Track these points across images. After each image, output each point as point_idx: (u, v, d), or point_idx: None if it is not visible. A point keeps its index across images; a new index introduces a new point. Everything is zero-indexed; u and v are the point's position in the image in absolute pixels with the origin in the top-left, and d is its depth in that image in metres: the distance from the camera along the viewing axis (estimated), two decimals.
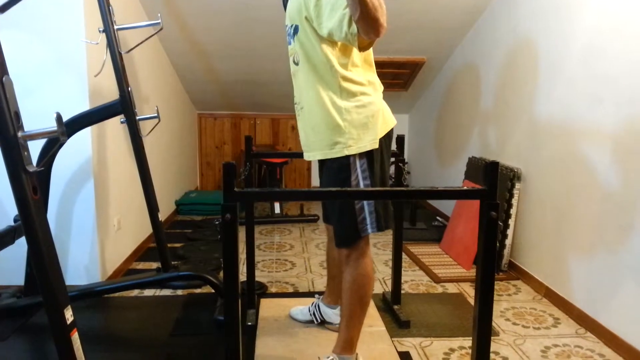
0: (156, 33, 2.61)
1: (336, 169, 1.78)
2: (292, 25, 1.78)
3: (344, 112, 1.73)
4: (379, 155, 1.79)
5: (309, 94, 1.78)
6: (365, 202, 1.76)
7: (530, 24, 2.97)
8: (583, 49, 2.46)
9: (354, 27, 1.47)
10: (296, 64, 1.82)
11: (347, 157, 1.75)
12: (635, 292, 2.06)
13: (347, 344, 1.81)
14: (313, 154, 1.87)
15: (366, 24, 1.39)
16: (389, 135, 1.85)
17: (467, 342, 2.19)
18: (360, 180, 1.76)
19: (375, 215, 1.77)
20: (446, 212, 4.25)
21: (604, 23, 2.30)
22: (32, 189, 1.22)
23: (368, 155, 1.76)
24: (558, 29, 2.67)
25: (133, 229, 3.30)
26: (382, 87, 1.85)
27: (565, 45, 2.60)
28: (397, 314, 2.40)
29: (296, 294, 2.75)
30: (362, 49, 1.58)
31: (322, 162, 1.90)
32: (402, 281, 2.61)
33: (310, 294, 2.55)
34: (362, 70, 1.77)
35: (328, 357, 1.81)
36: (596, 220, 2.32)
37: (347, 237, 1.79)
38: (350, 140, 1.73)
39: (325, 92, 1.74)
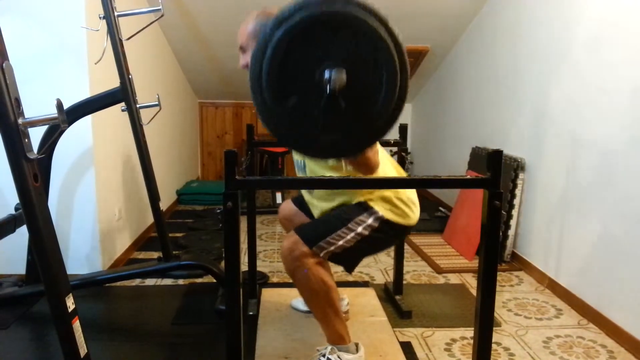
0: (157, 20, 2.58)
1: (348, 207, 1.74)
2: (302, 160, 1.82)
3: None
4: (386, 235, 1.76)
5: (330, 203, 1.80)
6: (348, 237, 1.69)
7: (535, 11, 2.94)
8: (588, 38, 2.43)
9: (349, 167, 1.61)
10: (311, 193, 1.87)
11: (366, 203, 1.73)
12: (639, 283, 2.06)
13: (337, 337, 1.77)
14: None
15: (360, 170, 1.58)
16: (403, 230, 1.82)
17: (469, 332, 2.19)
18: (359, 228, 1.70)
19: (341, 253, 1.69)
20: (449, 202, 4.24)
21: (610, 11, 2.27)
22: (33, 176, 1.21)
23: (383, 222, 1.72)
24: (563, 17, 2.64)
25: (134, 218, 3.30)
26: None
27: (571, 34, 2.56)
28: (398, 304, 2.39)
29: None
30: None
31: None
32: (404, 272, 2.60)
33: None
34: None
35: (326, 348, 1.79)
36: (600, 211, 2.31)
37: (307, 237, 1.70)
38: (372, 200, 1.73)
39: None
